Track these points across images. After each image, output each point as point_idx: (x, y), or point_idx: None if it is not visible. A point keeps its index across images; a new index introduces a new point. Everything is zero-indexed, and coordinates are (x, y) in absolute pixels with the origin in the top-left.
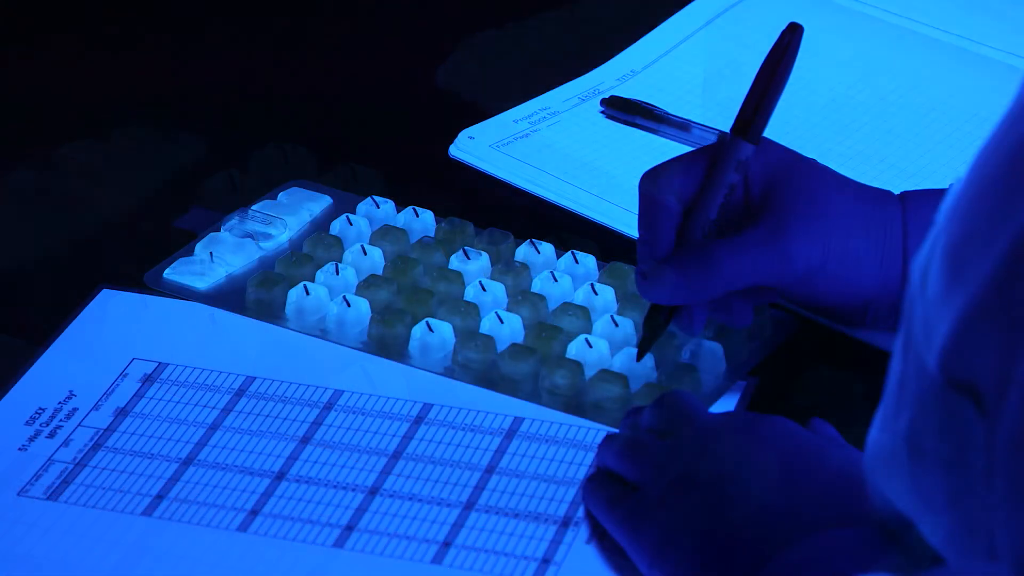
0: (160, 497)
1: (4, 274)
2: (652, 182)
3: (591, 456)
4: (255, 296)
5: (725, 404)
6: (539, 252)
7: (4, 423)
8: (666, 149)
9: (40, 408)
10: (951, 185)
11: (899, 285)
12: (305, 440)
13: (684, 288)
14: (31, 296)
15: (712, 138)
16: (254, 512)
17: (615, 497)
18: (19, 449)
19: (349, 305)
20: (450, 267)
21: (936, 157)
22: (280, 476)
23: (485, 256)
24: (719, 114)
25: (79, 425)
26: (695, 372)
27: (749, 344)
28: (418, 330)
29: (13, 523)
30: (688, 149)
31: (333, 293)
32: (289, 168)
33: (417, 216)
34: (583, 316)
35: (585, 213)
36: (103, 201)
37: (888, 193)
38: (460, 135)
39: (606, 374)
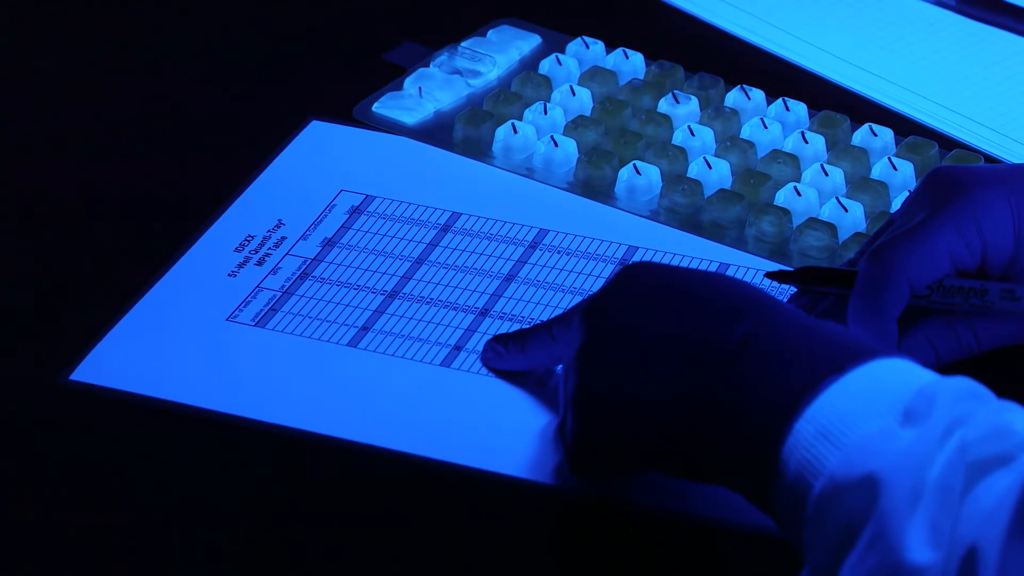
0: (366, 329)
1: (215, 103)
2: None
3: None
4: (463, 133)
5: None
6: (749, 98)
7: (214, 249)
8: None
9: (249, 235)
10: None
11: None
12: (510, 278)
13: None
14: (242, 125)
15: None
16: (457, 348)
17: None
18: (228, 275)
19: (557, 145)
20: (659, 110)
21: None
22: (484, 312)
23: (694, 100)
24: None
25: (287, 254)
26: None
27: None
28: (625, 172)
29: (222, 347)
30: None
31: (541, 132)
32: (500, 5)
33: (627, 58)
34: (792, 164)
35: (798, 61)
36: (314, 33)
37: None
38: None
39: (815, 222)
